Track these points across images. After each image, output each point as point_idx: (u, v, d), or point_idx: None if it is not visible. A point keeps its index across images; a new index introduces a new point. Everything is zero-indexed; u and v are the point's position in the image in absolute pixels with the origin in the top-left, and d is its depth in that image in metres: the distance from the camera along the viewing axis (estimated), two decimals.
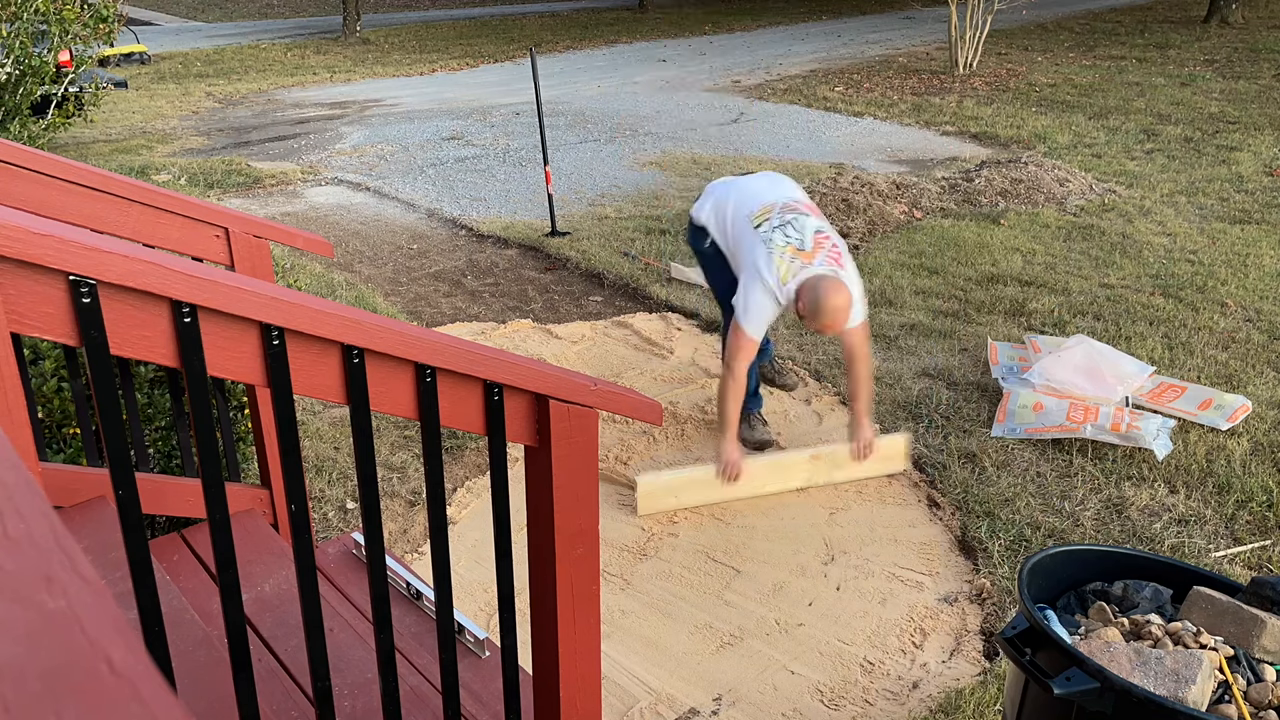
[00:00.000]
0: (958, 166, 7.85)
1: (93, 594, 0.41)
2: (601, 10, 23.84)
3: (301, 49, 16.75)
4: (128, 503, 1.19)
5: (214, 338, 1.22)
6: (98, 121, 9.76)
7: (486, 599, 2.93)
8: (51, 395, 2.66)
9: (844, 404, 4.03)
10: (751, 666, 2.66)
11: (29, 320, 1.11)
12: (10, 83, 6.69)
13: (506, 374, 1.48)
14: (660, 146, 8.92)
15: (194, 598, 2.15)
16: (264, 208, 7.16)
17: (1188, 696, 1.66)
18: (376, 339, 1.32)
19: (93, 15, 7.22)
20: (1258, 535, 3.15)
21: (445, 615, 1.54)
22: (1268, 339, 4.56)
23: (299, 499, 1.34)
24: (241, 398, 2.99)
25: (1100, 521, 3.23)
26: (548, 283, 5.60)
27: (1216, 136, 8.72)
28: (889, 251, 5.79)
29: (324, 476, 3.51)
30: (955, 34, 12.66)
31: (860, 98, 11.16)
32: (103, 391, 1.16)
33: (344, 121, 10.45)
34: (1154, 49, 14.39)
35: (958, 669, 2.65)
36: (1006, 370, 4.14)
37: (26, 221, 1.07)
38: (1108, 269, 5.49)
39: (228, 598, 1.30)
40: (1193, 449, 3.59)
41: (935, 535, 3.24)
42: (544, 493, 1.60)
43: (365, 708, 1.89)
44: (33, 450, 1.74)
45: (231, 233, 2.31)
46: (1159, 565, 2.08)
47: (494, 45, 17.23)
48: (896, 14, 21.90)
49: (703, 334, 4.81)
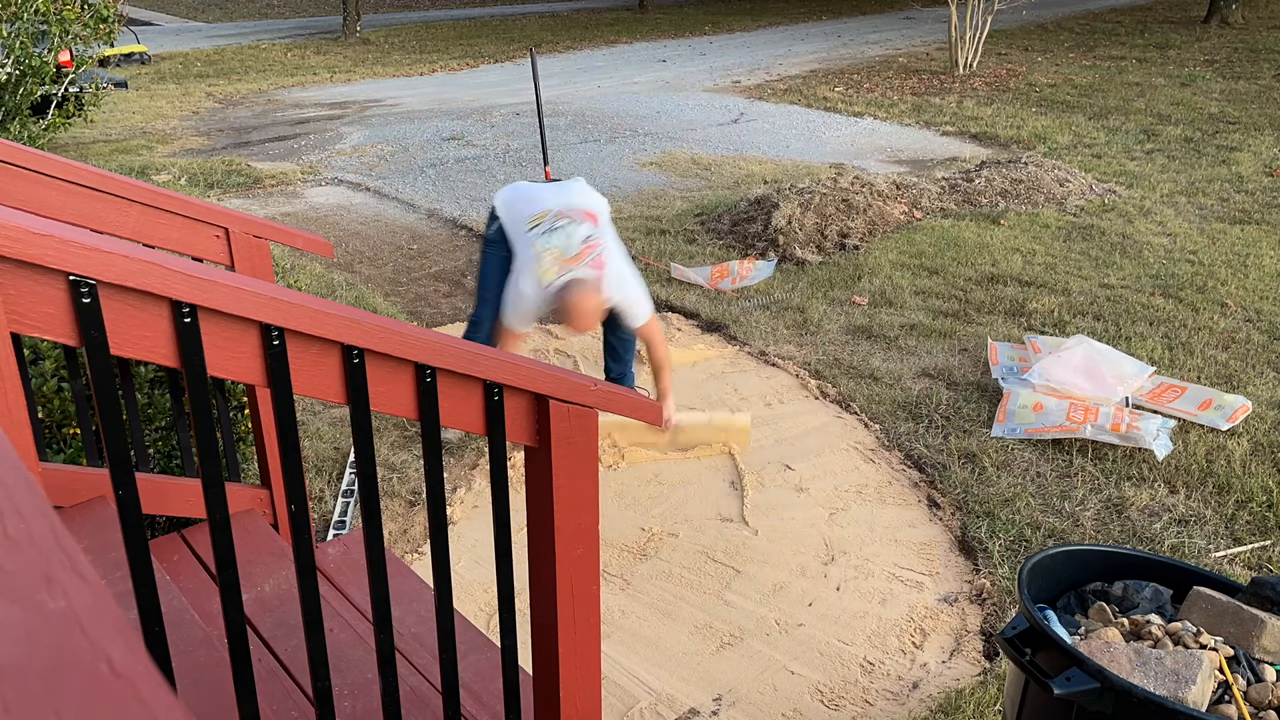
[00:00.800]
0: (958, 167, 7.85)
1: (93, 594, 0.41)
2: (601, 10, 23.85)
3: (302, 49, 16.75)
4: (128, 503, 1.19)
5: (214, 338, 1.22)
6: (98, 122, 9.76)
7: (486, 599, 2.93)
8: (51, 395, 2.66)
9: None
10: (751, 667, 2.66)
11: (29, 320, 1.11)
12: (10, 83, 6.69)
13: (506, 374, 1.48)
14: (660, 147, 8.92)
15: (194, 598, 2.15)
16: (264, 208, 7.16)
17: (1188, 697, 1.66)
18: (376, 339, 1.32)
19: (93, 15, 7.22)
20: (1258, 535, 3.15)
21: (445, 615, 1.54)
22: (1268, 339, 4.56)
23: (299, 499, 1.34)
24: (241, 398, 2.99)
25: (1100, 521, 3.23)
26: None
27: (1216, 137, 8.72)
28: (889, 252, 5.79)
29: (324, 476, 3.51)
30: (955, 34, 12.66)
31: (860, 98, 11.16)
32: (103, 391, 1.16)
33: (344, 122, 10.45)
34: (1154, 49, 14.39)
35: (958, 669, 2.65)
36: (1006, 370, 4.14)
37: (26, 221, 1.07)
38: (1108, 269, 5.50)
39: (228, 598, 1.30)
40: (1193, 449, 3.59)
41: (935, 535, 3.24)
42: (544, 493, 1.60)
43: (365, 708, 1.89)
44: (33, 450, 1.74)
45: (231, 233, 2.31)
46: (1159, 565, 2.08)
47: (494, 45, 17.23)
48: (896, 14, 21.90)
49: (703, 334, 4.81)
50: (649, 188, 7.50)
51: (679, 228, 6.36)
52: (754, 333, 4.74)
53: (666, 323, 4.93)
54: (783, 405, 4.10)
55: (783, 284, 5.35)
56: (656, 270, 5.58)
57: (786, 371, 4.39)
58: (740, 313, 4.97)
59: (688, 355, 4.52)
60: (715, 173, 7.92)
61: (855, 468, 3.63)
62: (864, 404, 4.05)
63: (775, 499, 3.44)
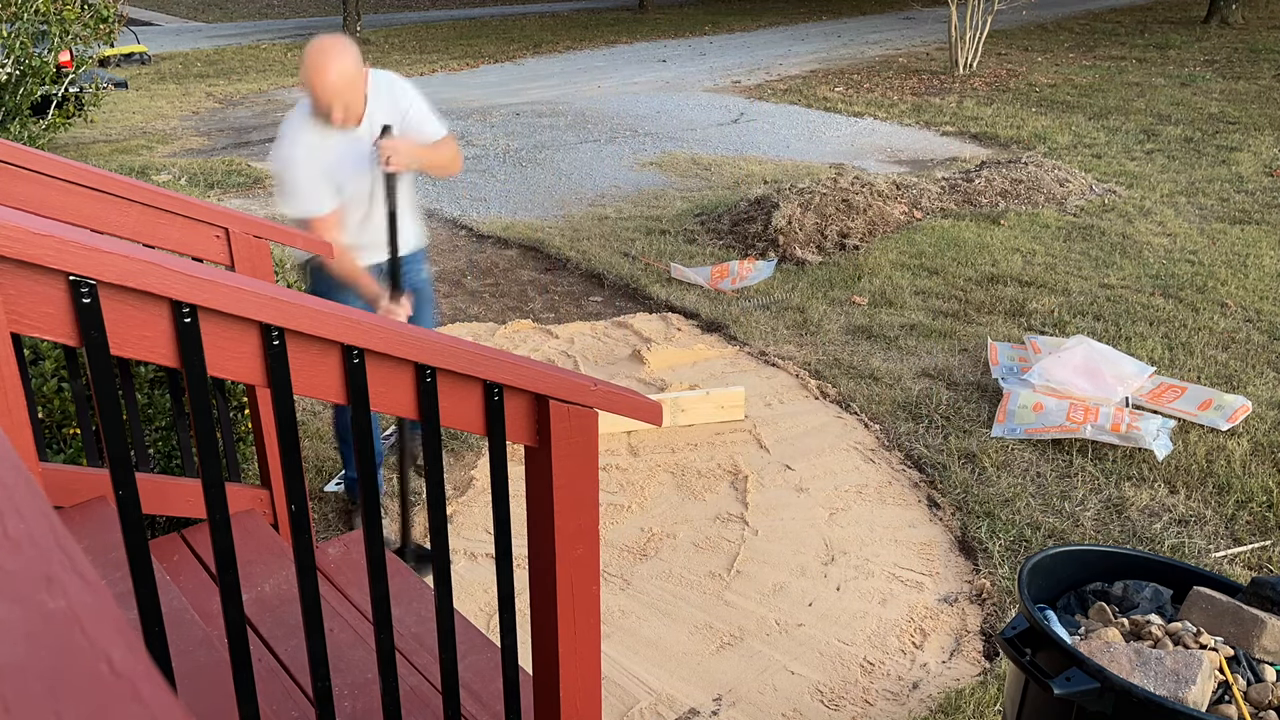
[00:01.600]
0: (958, 167, 7.85)
1: (93, 594, 0.41)
2: (601, 10, 23.84)
3: (302, 49, 16.75)
4: (128, 503, 1.19)
5: (214, 338, 1.22)
6: (98, 122, 9.76)
7: (486, 599, 2.93)
8: (51, 395, 2.66)
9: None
10: (751, 667, 2.66)
11: (29, 320, 1.11)
12: (10, 83, 6.69)
13: (506, 374, 1.48)
14: (660, 147, 8.92)
15: (194, 598, 2.15)
16: (264, 208, 7.16)
17: (1188, 697, 1.66)
18: (376, 339, 1.32)
19: (93, 15, 7.22)
20: (1258, 535, 3.15)
21: (445, 615, 1.54)
22: (1268, 339, 4.56)
23: (299, 499, 1.34)
24: (241, 398, 2.99)
25: (1100, 522, 3.23)
26: (548, 283, 5.60)
27: (1216, 137, 8.72)
28: (889, 252, 5.79)
29: (324, 476, 3.51)
30: (955, 34, 12.66)
31: (860, 98, 11.16)
32: (103, 392, 1.16)
33: None
34: (1154, 49, 14.39)
35: (958, 669, 2.65)
36: (1006, 370, 4.14)
37: (26, 221, 1.07)
38: (1108, 269, 5.50)
39: (228, 598, 1.30)
40: (1193, 449, 3.59)
41: (935, 535, 3.24)
42: (544, 493, 1.60)
43: (365, 708, 1.89)
44: (33, 450, 1.74)
45: (231, 233, 2.31)
46: (1159, 565, 2.08)
47: (494, 45, 17.23)
48: (896, 14, 21.89)
49: (703, 334, 4.81)
50: (649, 188, 7.50)
51: (679, 228, 6.36)
52: (754, 333, 4.74)
53: (666, 323, 4.93)
54: (783, 405, 4.10)
55: (783, 284, 5.36)
56: (657, 270, 5.58)
57: (786, 371, 4.39)
58: (740, 313, 4.97)
59: (688, 355, 4.52)
60: (715, 173, 7.92)
61: (855, 468, 3.63)
62: (864, 404, 4.05)
63: (775, 499, 3.44)
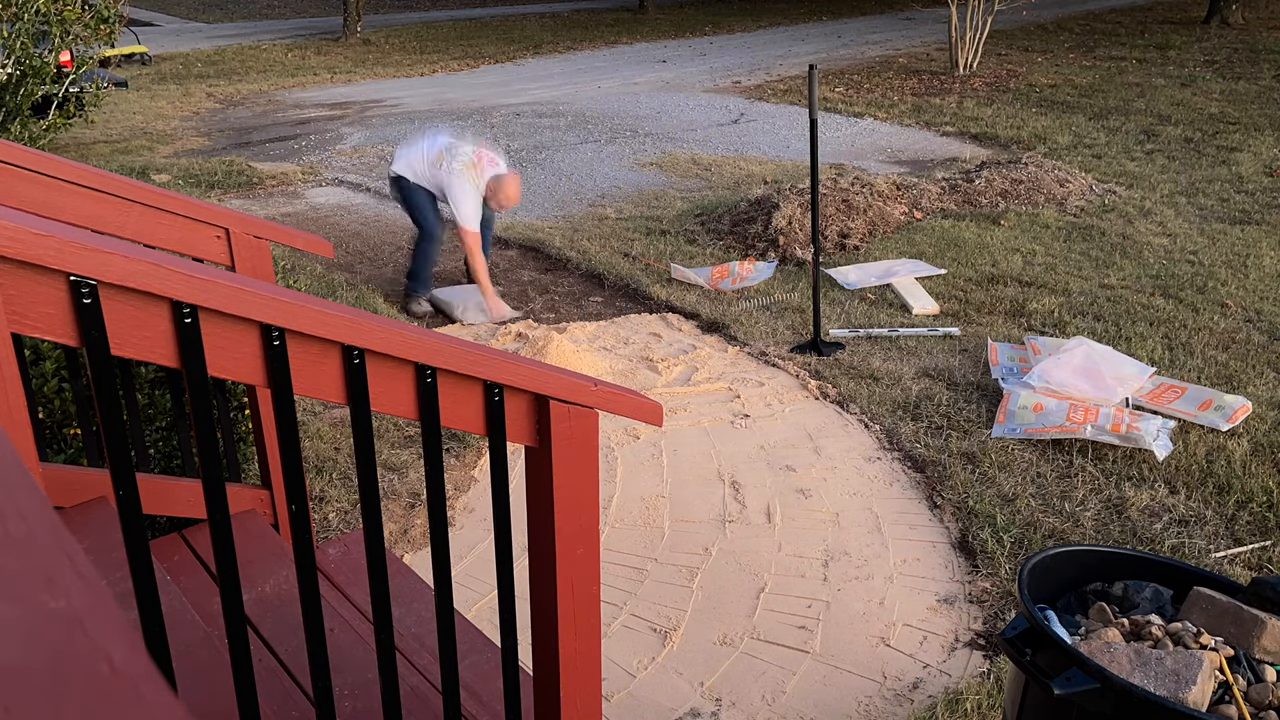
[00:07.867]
0: (958, 167, 7.85)
1: (93, 594, 0.41)
2: (601, 10, 23.84)
3: (302, 50, 16.76)
4: (128, 503, 1.19)
5: (214, 338, 1.22)
6: (98, 122, 9.77)
7: (486, 599, 2.93)
8: (52, 395, 2.66)
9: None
10: (752, 667, 2.66)
11: (29, 320, 1.11)
12: (11, 83, 6.70)
13: (507, 374, 1.48)
14: (660, 147, 8.92)
15: (194, 598, 2.15)
16: (264, 208, 7.16)
17: (1188, 697, 1.66)
18: (377, 339, 1.32)
19: (94, 16, 7.23)
20: (1258, 536, 3.15)
21: (445, 615, 1.54)
22: (1268, 339, 4.56)
23: (299, 499, 1.34)
24: (241, 398, 2.99)
25: (1100, 522, 3.23)
26: (548, 283, 5.60)
27: (1216, 137, 8.72)
28: (889, 252, 5.79)
29: (324, 477, 3.51)
30: (955, 35, 12.66)
31: (860, 98, 11.16)
32: (103, 392, 1.16)
33: (344, 122, 10.45)
34: (1154, 49, 14.39)
35: (958, 669, 2.65)
36: (1006, 371, 4.14)
37: (27, 222, 1.07)
38: (1108, 269, 5.50)
39: (228, 598, 1.30)
40: (1193, 450, 3.59)
41: (935, 536, 3.24)
42: (544, 493, 1.60)
43: (365, 708, 1.89)
44: (33, 450, 1.74)
45: (232, 233, 2.31)
46: (1159, 565, 2.08)
47: (494, 46, 17.23)
48: (896, 14, 21.89)
49: (703, 334, 4.81)
50: (649, 188, 7.50)
51: (679, 228, 6.36)
52: (754, 333, 4.74)
53: (666, 323, 4.93)
54: (783, 406, 4.10)
55: (783, 284, 5.36)
56: (657, 270, 5.58)
57: (787, 372, 4.39)
58: (740, 313, 4.97)
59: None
60: (715, 173, 7.92)
61: (855, 469, 3.63)
62: (864, 404, 4.05)
63: (775, 500, 3.44)
